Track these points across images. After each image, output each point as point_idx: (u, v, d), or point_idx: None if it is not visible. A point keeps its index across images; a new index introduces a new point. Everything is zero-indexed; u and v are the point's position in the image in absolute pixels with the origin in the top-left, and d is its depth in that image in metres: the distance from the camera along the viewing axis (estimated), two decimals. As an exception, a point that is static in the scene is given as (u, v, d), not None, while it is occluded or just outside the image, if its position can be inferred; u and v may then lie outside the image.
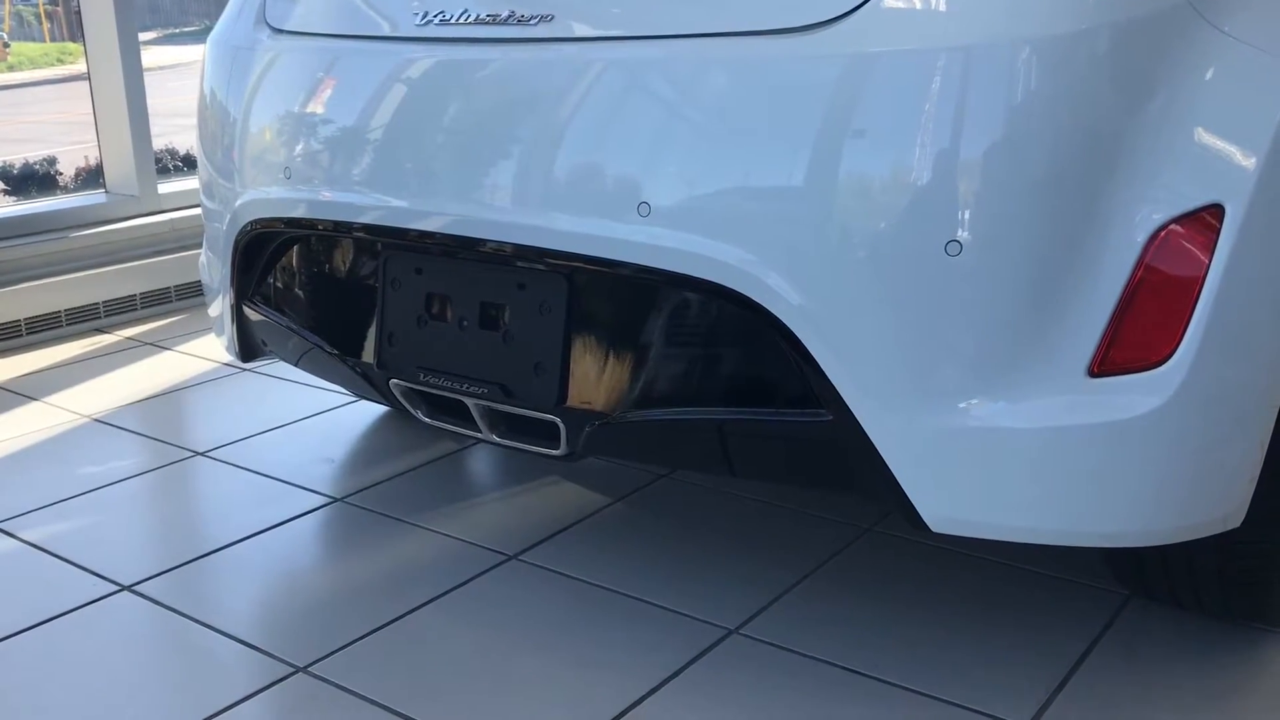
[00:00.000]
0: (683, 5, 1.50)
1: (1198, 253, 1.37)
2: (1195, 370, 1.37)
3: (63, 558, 2.05)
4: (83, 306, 3.35)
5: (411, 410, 1.84)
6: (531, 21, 1.59)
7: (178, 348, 3.23)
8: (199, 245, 3.62)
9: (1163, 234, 1.36)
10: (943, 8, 1.37)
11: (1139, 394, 1.37)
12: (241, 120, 1.91)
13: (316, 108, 1.81)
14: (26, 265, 3.29)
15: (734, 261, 1.43)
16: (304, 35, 1.87)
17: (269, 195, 1.86)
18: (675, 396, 1.55)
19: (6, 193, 5.09)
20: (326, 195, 1.78)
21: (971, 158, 1.34)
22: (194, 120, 2.12)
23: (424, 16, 1.69)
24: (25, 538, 2.12)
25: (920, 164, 1.35)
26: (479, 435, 1.76)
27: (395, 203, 1.70)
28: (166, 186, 3.69)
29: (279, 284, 1.99)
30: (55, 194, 4.97)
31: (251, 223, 1.91)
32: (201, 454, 2.49)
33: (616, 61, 1.52)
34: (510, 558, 2.01)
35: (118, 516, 2.21)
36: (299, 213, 1.83)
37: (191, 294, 3.59)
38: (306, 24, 1.88)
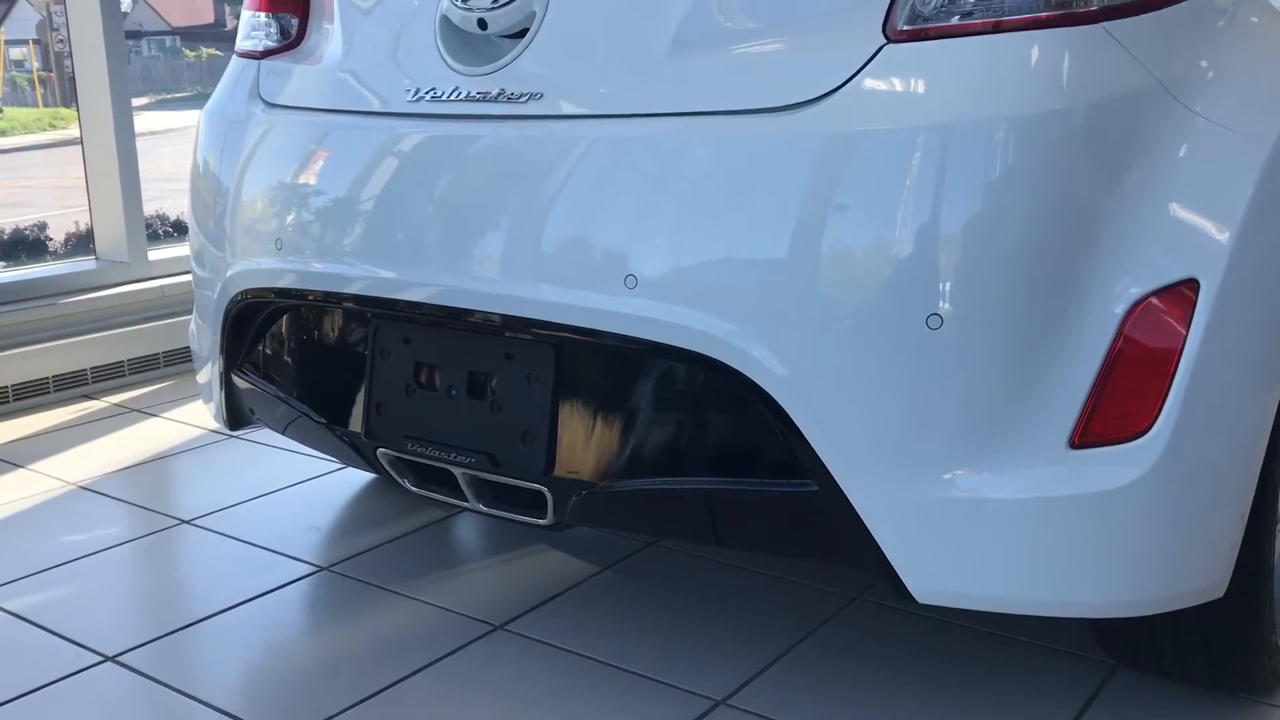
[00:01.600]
0: (669, 86, 1.54)
1: (1175, 325, 1.39)
2: (1175, 441, 1.39)
3: (45, 628, 2.03)
4: (71, 373, 3.36)
5: (399, 479, 1.84)
6: (521, 99, 1.62)
7: (165, 414, 3.23)
8: (188, 312, 3.63)
9: (1140, 307, 1.39)
10: (921, 89, 1.41)
11: (1120, 465, 1.39)
12: (234, 191, 1.94)
13: (309, 180, 1.83)
14: (15, 332, 3.29)
15: (719, 333, 1.45)
16: (297, 110, 1.90)
17: (260, 265, 1.88)
18: (662, 466, 1.57)
19: (-4, 259, 5.12)
20: (317, 266, 1.80)
21: (951, 233, 1.37)
22: (184, 185, 2.15)
23: (416, 93, 1.73)
24: (7, 607, 2.11)
25: (901, 239, 1.38)
26: (466, 505, 1.77)
27: (386, 274, 1.72)
28: (157, 253, 3.71)
29: (268, 352, 2.01)
30: (45, 259, 5.00)
31: (242, 292, 1.93)
32: (187, 522, 2.48)
33: (604, 138, 1.56)
34: (496, 628, 2.00)
35: (101, 586, 2.19)
36: (290, 283, 1.85)
37: (180, 360, 3.60)
38: (300, 99, 1.91)
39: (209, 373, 2.12)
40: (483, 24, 1.67)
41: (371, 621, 2.04)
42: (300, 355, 1.97)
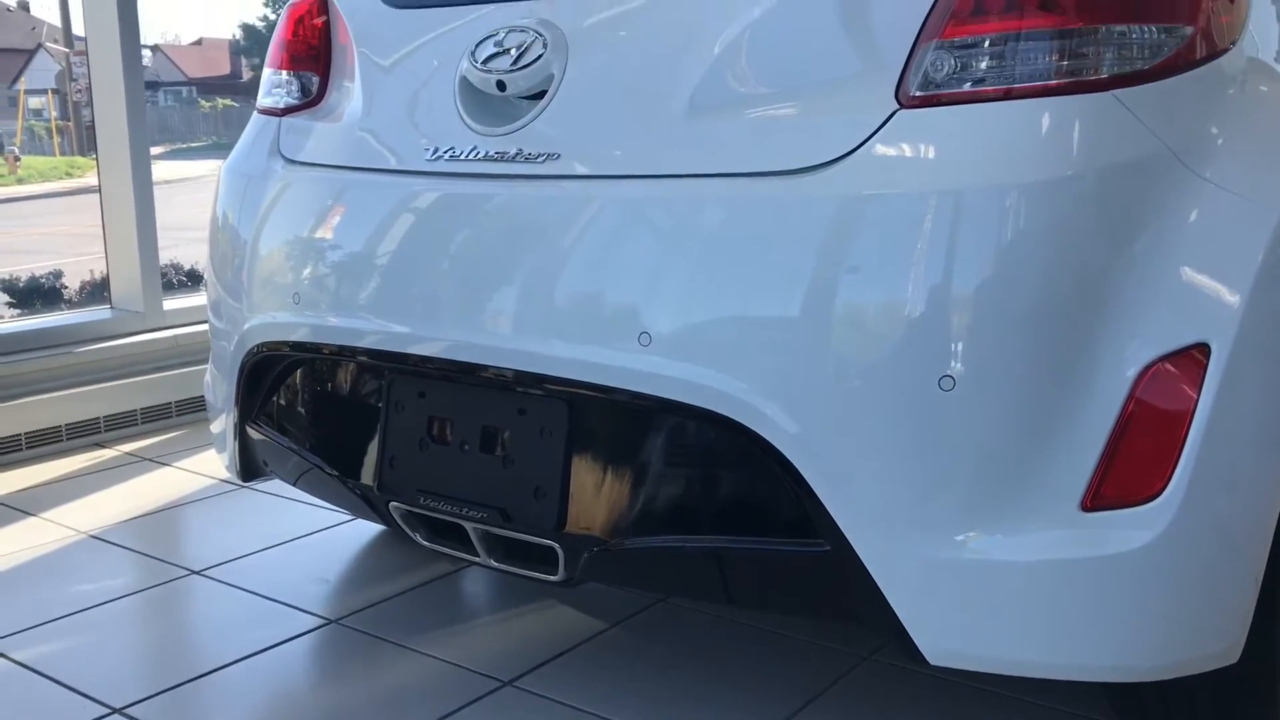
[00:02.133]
0: (684, 148, 1.56)
1: (1186, 389, 1.40)
2: (1187, 505, 1.39)
3: (53, 679, 2.03)
4: (84, 421, 3.37)
5: (410, 533, 1.84)
6: (539, 159, 1.65)
7: (177, 463, 3.24)
8: (201, 361, 3.65)
9: (1151, 371, 1.40)
10: (933, 154, 1.43)
11: (1132, 529, 1.39)
12: (252, 245, 1.96)
13: (327, 235, 1.86)
14: (30, 380, 3.32)
15: (733, 390, 1.46)
16: (317, 166, 1.93)
17: (277, 319, 1.90)
18: (674, 523, 1.57)
19: (12, 305, 5.15)
20: (334, 320, 1.81)
21: (962, 296, 1.38)
22: (198, 234, 2.17)
23: (434, 152, 1.75)
24: (15, 658, 2.11)
25: (913, 301, 1.39)
26: (477, 560, 1.77)
27: (402, 329, 1.73)
28: (171, 303, 3.74)
29: (282, 404, 2.02)
30: (61, 307, 5.04)
31: (259, 345, 1.95)
32: (197, 573, 2.48)
33: (620, 198, 1.58)
34: (505, 684, 1.99)
35: (110, 637, 2.19)
36: (306, 337, 1.86)
37: (192, 409, 3.61)
38: (320, 156, 1.94)
39: (223, 423, 2.13)
40: (501, 86, 1.70)
41: (379, 676, 2.03)
42: (315, 408, 1.98)
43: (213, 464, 3.18)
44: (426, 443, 1.76)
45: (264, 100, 2.14)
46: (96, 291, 4.97)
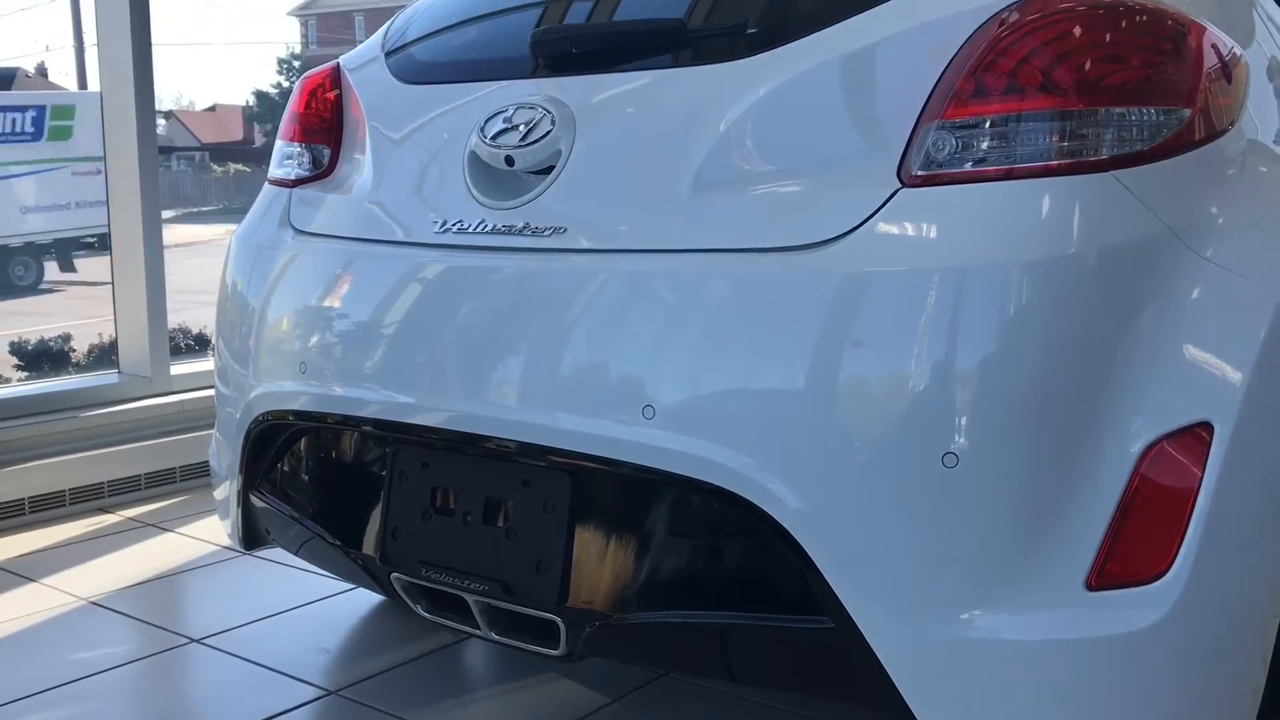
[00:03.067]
0: (689, 223, 1.58)
1: (1190, 467, 1.40)
2: (1193, 584, 1.38)
3: (49, 749, 2.01)
4: (87, 486, 3.37)
5: (411, 605, 1.84)
6: (545, 233, 1.67)
7: (179, 529, 3.23)
8: (206, 427, 3.65)
9: (1155, 449, 1.40)
10: (935, 232, 1.44)
11: (1137, 608, 1.38)
12: (261, 314, 1.98)
13: (334, 305, 1.87)
14: (35, 444, 3.32)
15: (736, 466, 1.46)
16: (326, 238, 1.95)
17: (284, 388, 1.91)
18: (677, 598, 1.56)
19: (20, 369, 5.18)
20: (340, 390, 1.82)
21: (966, 374, 1.38)
22: (206, 298, 2.18)
23: (442, 225, 1.77)
24: (12, 727, 2.09)
25: (915, 378, 1.40)
26: (478, 633, 1.76)
27: (408, 399, 1.74)
28: (179, 368, 3.76)
29: (286, 472, 2.02)
30: (69, 371, 5.06)
31: (265, 414, 1.95)
32: (197, 640, 2.47)
33: (625, 272, 1.59)
34: (505, 758, 1.97)
35: (109, 706, 2.17)
36: (312, 406, 1.87)
37: (196, 475, 3.61)
38: (329, 227, 1.96)
39: (227, 490, 2.13)
40: (510, 161, 1.73)
41: (378, 749, 2.01)
42: (319, 477, 1.98)
43: (214, 530, 3.17)
44: (429, 513, 1.76)
45: (275, 171, 2.17)
46: (104, 355, 5.00)
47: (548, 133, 1.70)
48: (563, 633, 1.64)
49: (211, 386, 3.81)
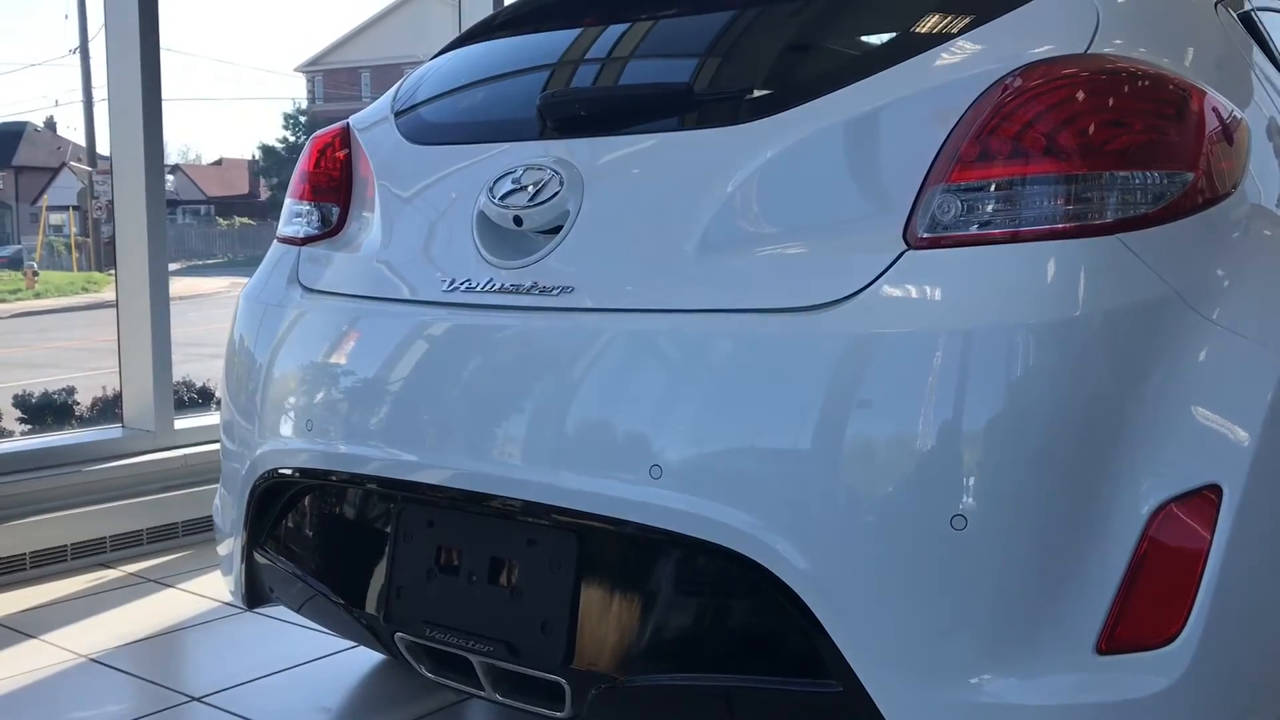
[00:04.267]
0: (696, 284, 1.58)
1: (1199, 530, 1.39)
2: (1204, 648, 1.37)
3: (46, 810, 1.98)
4: (89, 541, 3.36)
5: (414, 665, 1.82)
6: (553, 292, 1.67)
7: (181, 584, 3.22)
8: (210, 481, 3.64)
9: (1163, 512, 1.39)
10: (941, 295, 1.45)
11: (1148, 673, 1.37)
12: (267, 371, 1.98)
13: (341, 363, 1.88)
14: (38, 499, 3.31)
15: (744, 527, 1.46)
16: (334, 295, 1.96)
17: (289, 445, 1.91)
18: (683, 660, 1.55)
19: (24, 421, 5.18)
20: (346, 448, 1.82)
21: (973, 437, 1.39)
22: (211, 349, 2.19)
23: (450, 284, 1.78)
24: (10, 787, 2.07)
25: (923, 440, 1.40)
26: (482, 694, 1.74)
27: (414, 457, 1.74)
28: (183, 422, 3.75)
29: (291, 530, 2.01)
30: (72, 424, 5.06)
31: (270, 470, 1.95)
32: (197, 699, 2.44)
33: (632, 331, 1.60)
34: (508, 822, 1.95)
35: (106, 766, 2.15)
36: (318, 464, 1.87)
37: (198, 530, 3.59)
38: (337, 285, 1.97)
39: (230, 546, 2.12)
40: (518, 221, 1.74)
41: (379, 812, 1.98)
42: (323, 534, 1.97)
43: (216, 586, 3.16)
44: (434, 572, 1.75)
45: (284, 229, 2.18)
46: (108, 408, 5.00)
47: (556, 193, 1.72)
48: (568, 694, 1.63)
49: (215, 441, 3.82)
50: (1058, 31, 1.61)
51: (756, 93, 1.74)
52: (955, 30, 1.63)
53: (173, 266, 3.98)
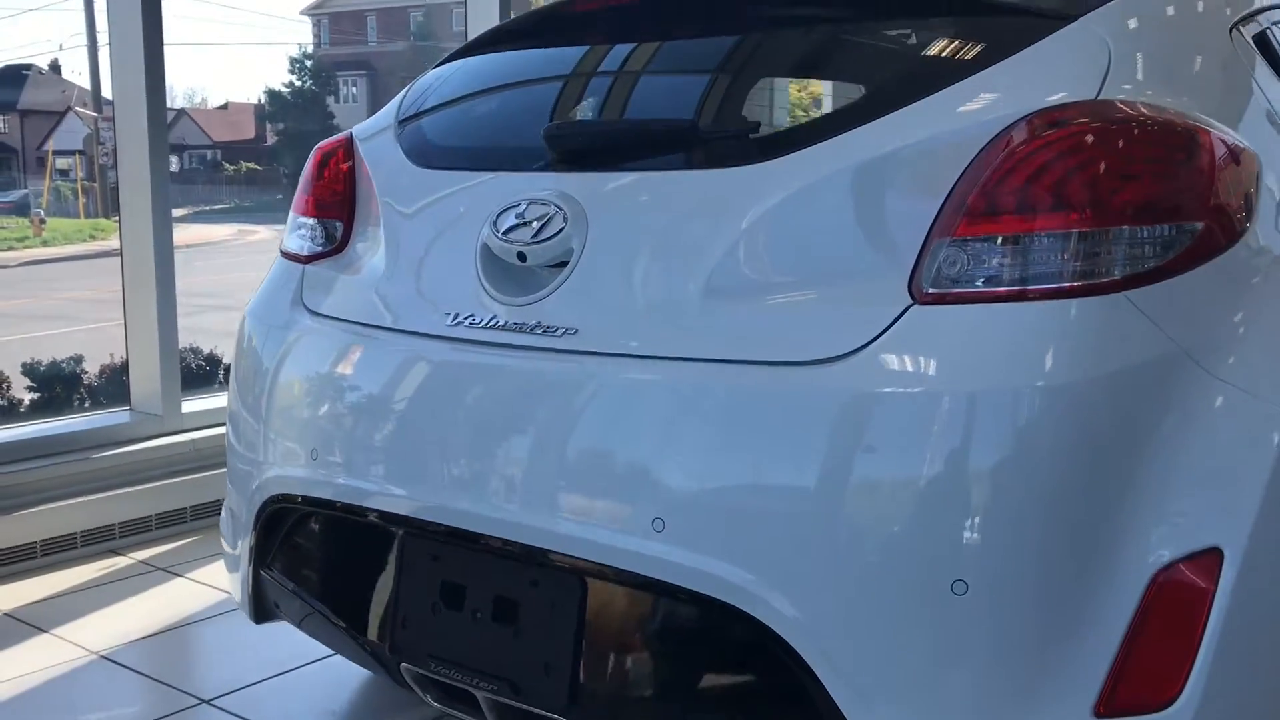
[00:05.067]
0: (700, 332, 1.57)
1: (1199, 593, 1.40)
2: (1203, 712, 1.38)
3: (59, 823, 2.02)
4: (98, 528, 3.39)
5: (420, 693, 1.84)
6: (557, 333, 1.67)
7: (189, 574, 3.25)
8: (218, 466, 3.66)
9: (1164, 575, 1.39)
10: (945, 352, 1.44)
11: (1147, 736, 1.38)
12: (273, 397, 1.98)
13: (346, 394, 1.88)
14: (47, 486, 3.34)
15: (744, 583, 1.46)
16: (338, 321, 1.95)
17: (294, 474, 1.92)
18: (684, 707, 1.56)
19: (32, 390, 5.19)
20: (351, 480, 1.83)
21: (976, 502, 1.38)
22: (216, 300, 2.18)
23: (454, 318, 1.77)
24: (23, 797, 2.10)
25: (925, 504, 1.39)
26: (487, 726, 1.76)
27: (417, 494, 1.75)
28: (190, 404, 3.77)
29: (298, 554, 2.03)
30: (80, 392, 5.07)
31: (276, 496, 1.96)
32: (206, 702, 2.48)
33: (637, 380, 1.59)
34: (512, 838, 1.97)
35: (118, 775, 2.19)
36: (322, 493, 1.88)
37: (206, 514, 3.62)
38: (341, 310, 1.96)
39: (238, 565, 2.14)
40: (522, 256, 1.73)
41: (386, 826, 2.02)
42: (329, 559, 1.99)
43: (223, 577, 3.18)
44: (439, 607, 1.76)
45: (289, 244, 2.17)
46: (115, 377, 5.01)
47: (560, 230, 1.70)
48: (571, 733, 1.65)
49: (223, 424, 3.84)
50: (1068, 73, 1.59)
51: (762, 133, 1.73)
52: (964, 72, 1.60)
53: (179, 212, 3.94)
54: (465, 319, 1.77)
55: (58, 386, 5.14)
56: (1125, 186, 1.48)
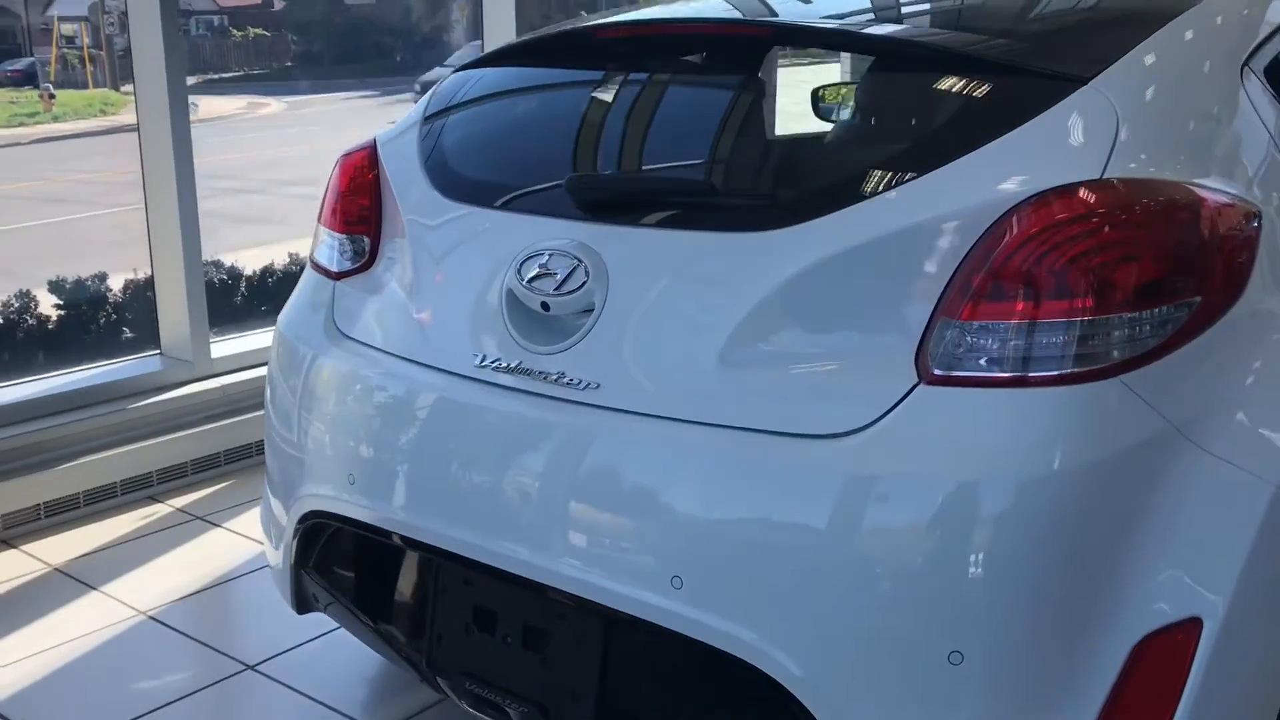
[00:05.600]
0: (715, 398, 1.65)
1: (1178, 662, 1.51)
2: (1178, 775, 1.50)
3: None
4: (137, 476, 3.53)
5: (455, 699, 1.98)
6: (580, 385, 1.75)
7: (226, 523, 3.40)
8: (249, 410, 3.79)
9: (1144, 646, 1.50)
10: (945, 437, 1.52)
11: (1123, 792, 1.51)
12: (306, 419, 2.08)
13: (378, 425, 1.97)
14: (86, 438, 3.47)
15: (756, 643, 1.57)
16: (369, 348, 2.03)
17: (331, 494, 2.02)
18: (701, 738, 1.70)
19: (58, 308, 5.29)
20: (384, 510, 1.93)
21: (972, 581, 1.48)
22: (231, 183, 2.22)
23: (481, 359, 1.85)
24: (90, 771, 2.28)
25: (923, 582, 1.50)
26: (518, 734, 1.91)
27: (446, 530, 1.85)
28: (219, 349, 3.87)
29: (337, 559, 2.14)
30: (106, 309, 5.18)
31: (314, 512, 2.07)
32: (251, 668, 2.64)
33: (656, 440, 1.67)
34: (540, 816, 2.15)
35: (175, 748, 2.36)
36: (357, 516, 1.98)
37: (239, 458, 3.76)
38: (372, 337, 2.04)
39: (279, 559, 2.25)
40: (545, 306, 1.80)
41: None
42: (368, 571, 2.10)
43: (259, 528, 3.33)
44: (471, 629, 1.89)
45: (319, 256, 2.23)
46: (140, 294, 5.10)
47: (583, 284, 1.76)
48: (596, 752, 1.79)
49: (252, 367, 3.94)
50: (1075, 145, 1.62)
51: (781, 198, 1.77)
52: (975, 143, 1.63)
53: (189, 81, 3.91)
54: (491, 362, 1.84)
55: (84, 305, 5.24)
56: (1127, 272, 1.54)
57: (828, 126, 1.86)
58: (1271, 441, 1.60)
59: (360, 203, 2.19)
